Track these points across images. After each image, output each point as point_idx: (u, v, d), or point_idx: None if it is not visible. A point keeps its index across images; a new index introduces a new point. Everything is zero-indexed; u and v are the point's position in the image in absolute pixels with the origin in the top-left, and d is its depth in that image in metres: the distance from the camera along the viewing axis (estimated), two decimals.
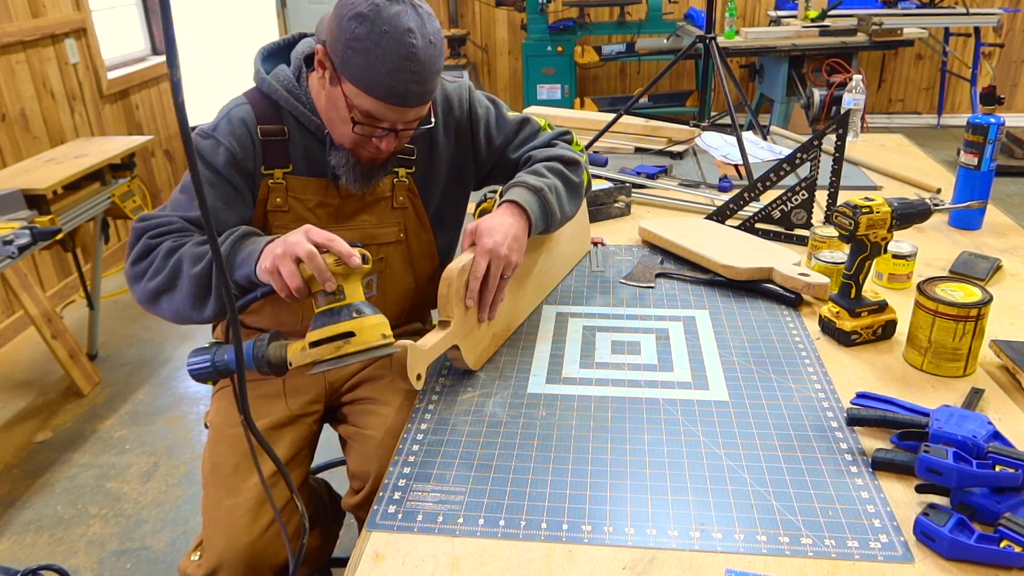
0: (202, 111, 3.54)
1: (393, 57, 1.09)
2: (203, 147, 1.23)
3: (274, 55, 1.33)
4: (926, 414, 1.01)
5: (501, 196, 1.29)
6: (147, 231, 1.19)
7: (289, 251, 1.01)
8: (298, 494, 0.92)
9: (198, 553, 1.22)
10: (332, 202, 1.30)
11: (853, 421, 1.04)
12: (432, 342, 1.11)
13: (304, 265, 1.00)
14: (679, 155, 2.27)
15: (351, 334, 0.98)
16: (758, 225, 1.67)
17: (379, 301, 1.40)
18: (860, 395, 1.10)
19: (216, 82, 3.58)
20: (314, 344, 0.99)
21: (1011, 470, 0.87)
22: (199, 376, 1.03)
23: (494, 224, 1.19)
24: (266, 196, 1.27)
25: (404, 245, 1.38)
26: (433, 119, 1.26)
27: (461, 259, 1.17)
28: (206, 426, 1.39)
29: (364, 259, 1.02)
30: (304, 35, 1.35)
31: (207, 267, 1.12)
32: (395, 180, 1.34)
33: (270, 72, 1.28)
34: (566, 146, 1.42)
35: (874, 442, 1.03)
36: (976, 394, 1.11)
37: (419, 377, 1.09)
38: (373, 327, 1.00)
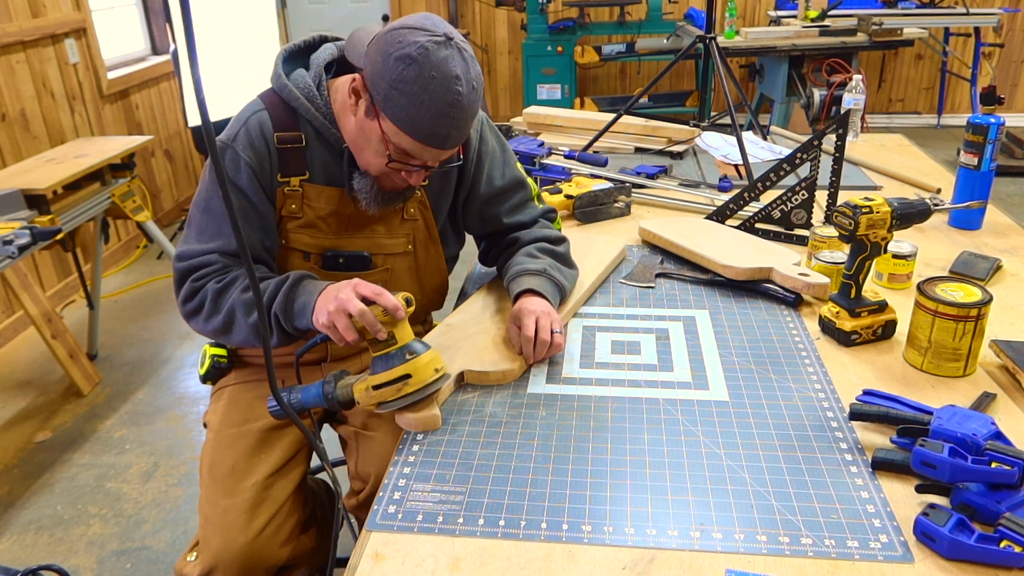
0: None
1: (439, 103, 1.10)
2: (224, 163, 1.22)
3: (295, 57, 1.31)
4: (930, 412, 1.01)
5: (507, 286, 1.35)
6: (189, 274, 1.24)
7: (341, 307, 1.08)
8: (317, 488, 0.94)
9: (194, 554, 1.22)
10: (345, 211, 1.29)
11: (856, 416, 1.04)
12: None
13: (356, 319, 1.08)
14: (679, 155, 2.27)
15: (408, 376, 1.08)
16: (758, 225, 1.67)
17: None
18: (866, 392, 1.10)
19: (216, 82, 3.58)
20: (376, 387, 1.09)
21: (1007, 467, 0.87)
22: (277, 415, 1.15)
23: (525, 307, 1.26)
24: (281, 203, 1.27)
25: (411, 256, 1.38)
26: (461, 157, 1.30)
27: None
28: (204, 426, 1.39)
29: (408, 302, 1.10)
30: (325, 38, 1.33)
31: (255, 323, 1.19)
32: None
33: (290, 74, 1.27)
34: (548, 224, 1.47)
35: (874, 442, 1.03)
36: (987, 397, 1.11)
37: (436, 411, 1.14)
38: (426, 365, 1.09)
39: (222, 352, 1.42)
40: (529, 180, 1.48)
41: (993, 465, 0.87)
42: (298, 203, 1.27)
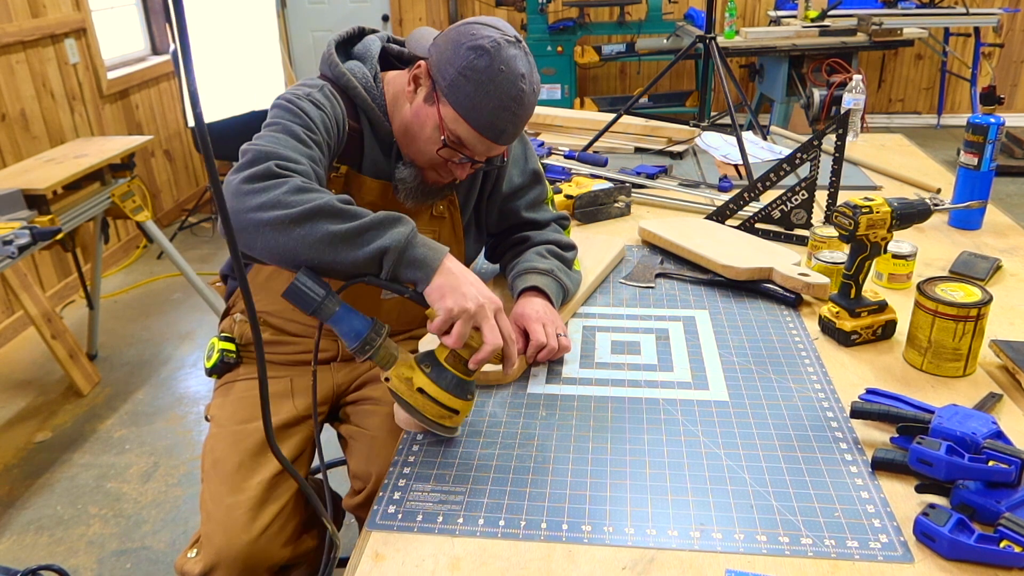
0: (202, 111, 3.53)
1: (503, 96, 1.13)
2: (305, 107, 1.16)
3: (341, 47, 1.31)
4: (932, 412, 1.01)
5: (511, 281, 1.35)
6: (274, 157, 1.05)
7: (478, 319, 1.00)
8: (315, 496, 0.91)
9: (195, 550, 1.22)
10: (381, 204, 1.29)
11: (856, 414, 1.04)
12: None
13: (475, 334, 1.01)
14: (679, 155, 2.27)
15: (456, 412, 1.02)
16: (758, 225, 1.67)
17: (400, 303, 1.39)
18: (869, 391, 1.10)
19: (216, 82, 3.58)
20: (422, 391, 1.00)
21: (1004, 465, 0.87)
22: (296, 298, 0.98)
23: (529, 309, 1.25)
24: (328, 184, 1.24)
25: None
26: (506, 160, 1.30)
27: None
28: (207, 419, 1.39)
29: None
30: (364, 30, 1.35)
31: (346, 233, 1.01)
32: None
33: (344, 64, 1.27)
34: (559, 230, 1.47)
35: (875, 441, 1.03)
36: (992, 398, 1.11)
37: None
38: (465, 412, 1.04)
39: (231, 347, 1.42)
40: (546, 182, 1.49)
41: (991, 464, 0.88)
42: (338, 188, 1.26)
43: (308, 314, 0.99)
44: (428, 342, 1.26)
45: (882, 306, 1.28)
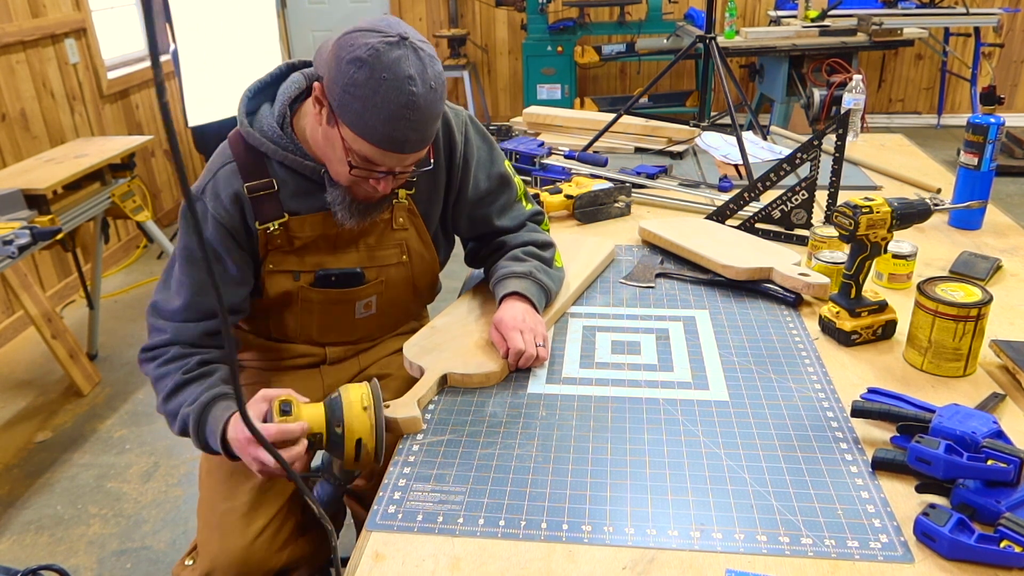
0: (202, 111, 3.54)
1: (392, 105, 1.07)
2: (196, 218, 1.19)
3: (261, 92, 1.28)
4: (933, 411, 1.01)
5: (492, 287, 1.35)
6: (146, 347, 1.24)
7: (265, 469, 1.07)
8: (312, 496, 0.92)
9: (192, 559, 1.22)
10: (331, 232, 1.27)
11: (857, 413, 1.04)
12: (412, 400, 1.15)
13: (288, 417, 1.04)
14: (679, 155, 2.27)
15: (360, 439, 1.03)
16: (758, 225, 1.67)
17: (377, 318, 1.41)
18: (871, 390, 1.10)
19: (215, 82, 3.58)
20: (349, 466, 1.07)
21: (1003, 464, 0.87)
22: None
23: (508, 314, 1.26)
24: (265, 241, 1.25)
25: (407, 267, 1.37)
26: (432, 160, 1.25)
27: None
28: None
29: (285, 408, 1.04)
30: (292, 66, 1.30)
31: (177, 430, 1.19)
32: (395, 201, 1.31)
33: (256, 112, 1.25)
34: (535, 228, 1.46)
35: (875, 442, 1.03)
36: (995, 398, 1.11)
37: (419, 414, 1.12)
38: (356, 416, 1.03)
39: None
40: (516, 179, 1.46)
41: (989, 463, 0.87)
42: (283, 238, 1.25)
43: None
44: (424, 334, 1.32)
45: (882, 306, 1.28)
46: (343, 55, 1.07)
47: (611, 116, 2.27)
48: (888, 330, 1.28)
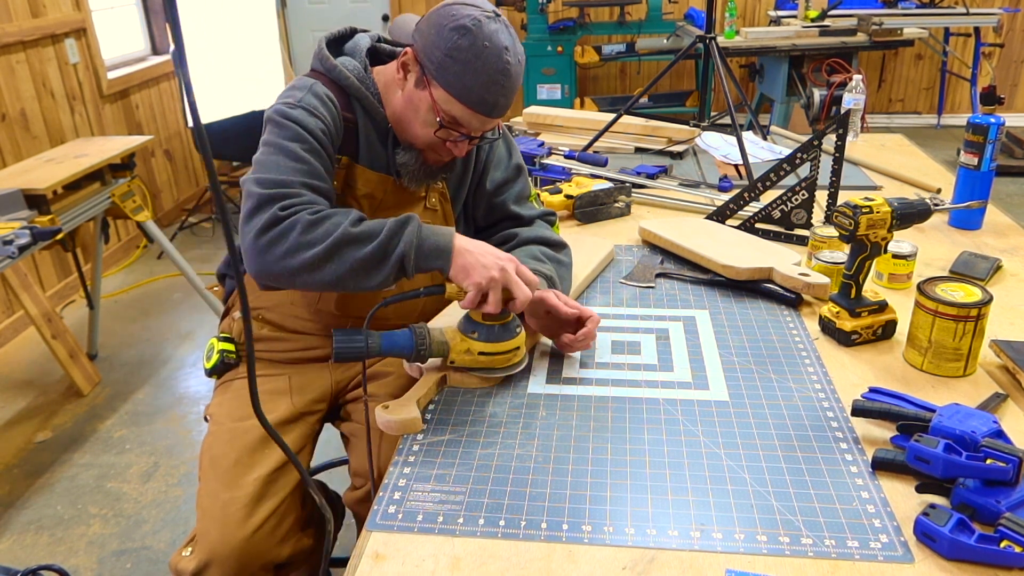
0: (202, 111, 3.54)
1: (490, 71, 1.18)
2: (297, 116, 1.21)
3: (331, 46, 1.35)
4: (934, 411, 1.01)
5: None
6: (275, 201, 1.12)
7: (506, 282, 1.11)
8: (315, 488, 0.92)
9: (190, 548, 1.22)
10: (378, 195, 1.33)
11: (858, 412, 1.04)
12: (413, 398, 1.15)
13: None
14: (679, 155, 2.27)
15: (517, 348, 1.15)
16: (758, 225, 1.67)
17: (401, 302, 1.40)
18: (872, 390, 1.10)
19: (215, 82, 3.58)
20: (484, 354, 1.14)
21: (1002, 464, 0.87)
22: (346, 357, 1.09)
23: (548, 294, 1.27)
24: (333, 170, 1.27)
25: None
26: (500, 133, 1.34)
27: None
28: (206, 419, 1.39)
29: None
30: (355, 30, 1.39)
31: (370, 256, 1.11)
32: (438, 180, 1.38)
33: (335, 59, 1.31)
34: (547, 226, 1.48)
35: (875, 441, 1.03)
36: (997, 398, 1.11)
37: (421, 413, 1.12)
38: (521, 342, 1.16)
39: (231, 347, 1.43)
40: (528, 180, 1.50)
41: (989, 462, 0.87)
42: (340, 181, 1.30)
43: (363, 361, 1.10)
44: (448, 314, 1.32)
45: (882, 306, 1.28)
46: (445, 23, 1.18)
47: (611, 116, 2.27)
48: (888, 330, 1.28)
